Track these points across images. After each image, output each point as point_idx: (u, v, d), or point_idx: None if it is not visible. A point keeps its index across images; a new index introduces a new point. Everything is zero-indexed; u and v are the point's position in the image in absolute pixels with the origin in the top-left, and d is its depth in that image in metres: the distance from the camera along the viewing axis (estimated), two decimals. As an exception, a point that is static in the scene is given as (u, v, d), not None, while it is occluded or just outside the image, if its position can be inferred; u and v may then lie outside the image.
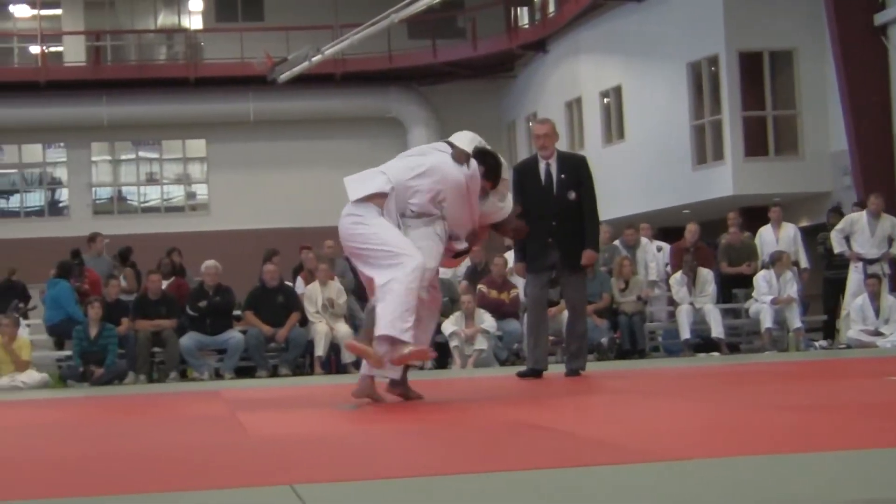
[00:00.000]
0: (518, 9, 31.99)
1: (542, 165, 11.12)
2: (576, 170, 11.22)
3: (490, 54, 31.37)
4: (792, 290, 17.60)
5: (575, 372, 11.27)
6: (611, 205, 24.63)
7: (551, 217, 11.02)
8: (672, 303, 18.34)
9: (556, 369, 12.03)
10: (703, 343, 17.67)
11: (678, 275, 18.02)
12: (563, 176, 11.08)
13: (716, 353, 17.26)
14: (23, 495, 4.08)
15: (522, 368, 11.59)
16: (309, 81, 27.82)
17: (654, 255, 19.21)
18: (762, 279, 17.73)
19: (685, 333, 17.55)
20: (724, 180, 23.69)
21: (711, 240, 20.25)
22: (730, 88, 23.63)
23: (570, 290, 11.46)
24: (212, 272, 17.03)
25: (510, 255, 15.60)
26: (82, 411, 10.21)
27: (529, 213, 11.15)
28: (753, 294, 17.93)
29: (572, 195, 11.04)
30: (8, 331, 15.55)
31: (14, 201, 33.08)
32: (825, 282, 18.72)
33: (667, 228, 24.37)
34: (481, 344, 16.56)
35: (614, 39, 27.09)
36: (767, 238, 18.91)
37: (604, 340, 17.20)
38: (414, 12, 23.40)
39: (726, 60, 23.61)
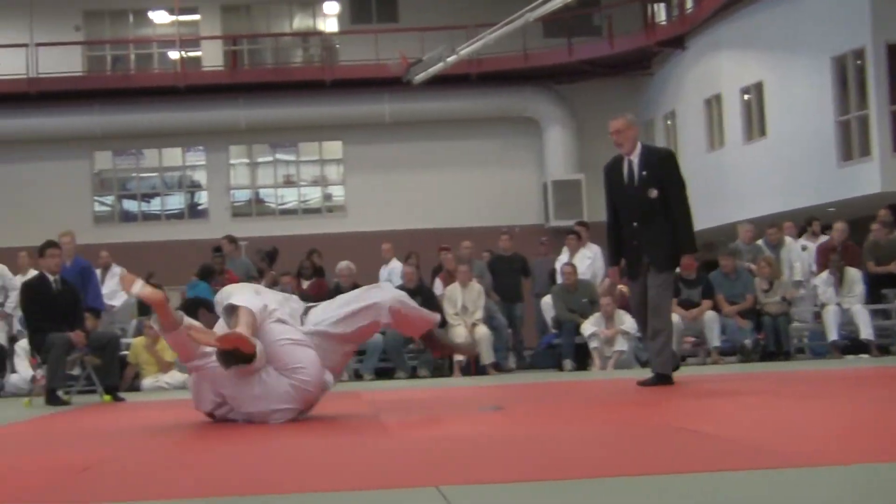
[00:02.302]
0: (655, 5, 31.67)
1: (625, 163, 10.52)
2: (658, 166, 10.45)
3: (627, 52, 31.07)
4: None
5: (660, 375, 10.21)
6: (753, 203, 24.31)
7: (634, 218, 10.42)
8: (818, 303, 17.93)
9: (697, 371, 11.79)
10: (851, 345, 17.25)
11: (824, 274, 17.62)
12: (644, 173, 10.38)
13: (865, 356, 16.85)
14: (172, 495, 4.09)
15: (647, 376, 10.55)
16: (444, 82, 27.81)
17: (798, 254, 18.80)
18: (912, 279, 17.33)
19: (832, 335, 17.17)
20: (871, 177, 23.13)
21: (859, 239, 19.80)
22: (877, 82, 23.06)
23: (652, 290, 10.40)
24: (346, 273, 17.15)
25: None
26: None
27: (619, 215, 10.68)
28: (903, 294, 17.51)
29: (653, 193, 10.29)
30: (152, 333, 15.85)
31: (155, 204, 33.59)
32: None
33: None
34: (621, 345, 16.44)
35: (755, 34, 26.66)
36: None
37: (748, 342, 16.94)
38: (549, 11, 23.27)
39: (873, 53, 23.05)
